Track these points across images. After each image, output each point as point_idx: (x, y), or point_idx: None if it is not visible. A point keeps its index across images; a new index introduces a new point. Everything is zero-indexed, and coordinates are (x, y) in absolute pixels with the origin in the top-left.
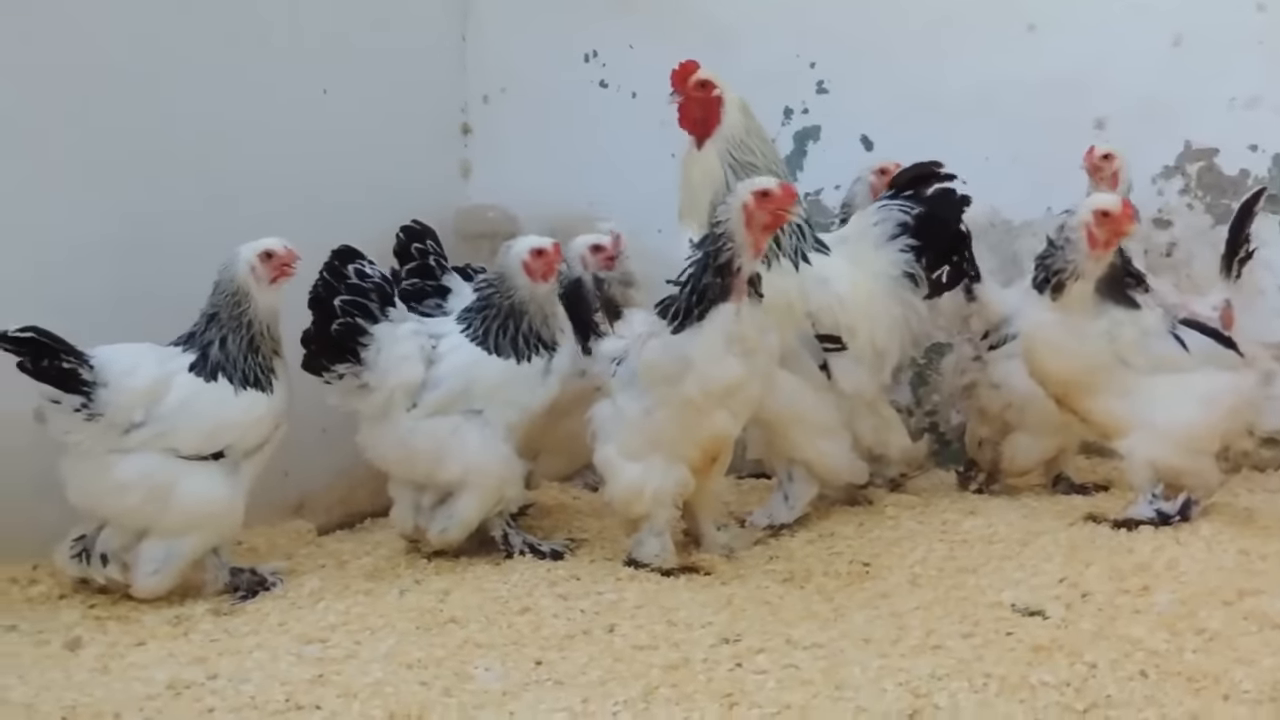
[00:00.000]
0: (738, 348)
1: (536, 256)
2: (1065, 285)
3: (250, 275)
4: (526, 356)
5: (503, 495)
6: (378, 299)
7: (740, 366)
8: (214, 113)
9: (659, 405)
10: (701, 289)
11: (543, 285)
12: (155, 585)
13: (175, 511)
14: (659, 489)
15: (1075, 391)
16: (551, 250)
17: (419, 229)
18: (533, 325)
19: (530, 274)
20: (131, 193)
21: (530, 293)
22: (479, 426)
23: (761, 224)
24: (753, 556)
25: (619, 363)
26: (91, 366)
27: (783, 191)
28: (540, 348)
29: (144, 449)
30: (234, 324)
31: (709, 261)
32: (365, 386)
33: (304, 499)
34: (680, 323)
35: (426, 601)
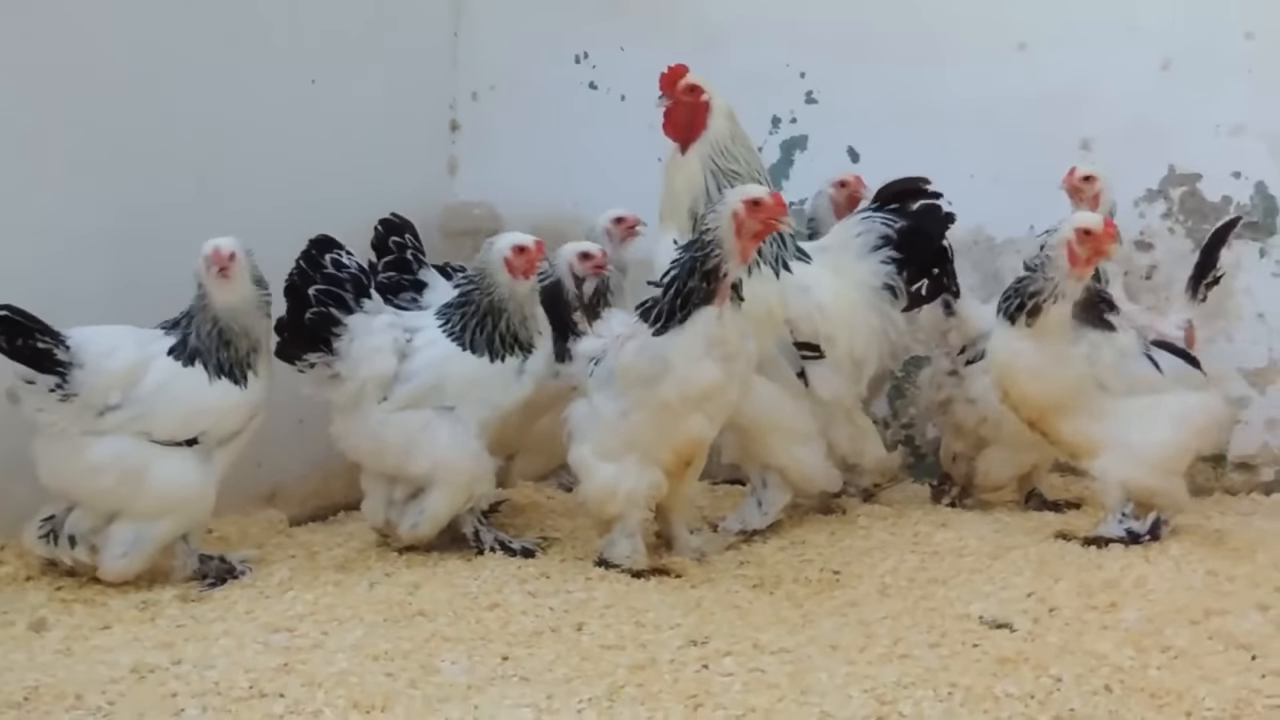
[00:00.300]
0: (717, 351)
1: (518, 254)
2: (1042, 309)
3: (205, 272)
4: (501, 356)
5: (473, 492)
6: (353, 289)
7: (719, 370)
8: (204, 106)
9: (635, 407)
10: (686, 292)
11: (523, 283)
12: (123, 568)
13: (147, 495)
14: (633, 490)
15: (1051, 415)
16: (534, 248)
17: (398, 222)
18: (510, 324)
19: (512, 271)
20: (124, 185)
21: (510, 290)
22: (450, 422)
23: (752, 232)
24: (724, 561)
25: (596, 363)
26: (67, 347)
27: (774, 201)
28: (516, 348)
29: (118, 432)
30: (203, 316)
31: (695, 266)
32: (337, 377)
33: (277, 489)
34: (663, 325)
35: (396, 594)
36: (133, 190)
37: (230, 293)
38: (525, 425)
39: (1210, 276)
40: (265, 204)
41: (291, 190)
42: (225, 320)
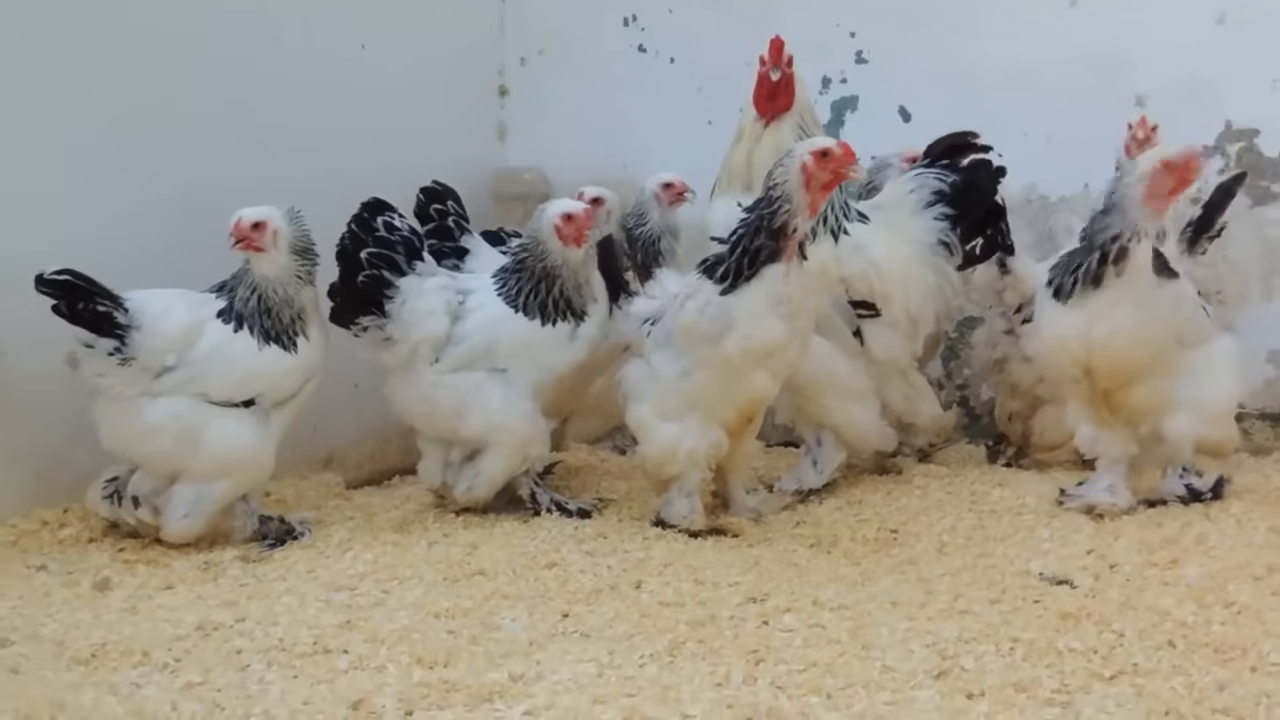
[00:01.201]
0: (783, 309)
1: (567, 221)
2: (1128, 250)
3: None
4: (554, 320)
5: (527, 454)
6: (405, 252)
7: (783, 327)
8: (257, 73)
9: (698, 365)
10: (753, 250)
11: (574, 250)
12: (185, 529)
13: (205, 455)
14: (693, 449)
15: (1133, 380)
16: (582, 215)
17: (439, 190)
18: (564, 290)
19: (562, 238)
20: (178, 150)
21: (563, 258)
22: (502, 385)
23: (821, 184)
24: (780, 521)
25: (653, 323)
26: (126, 310)
27: (842, 150)
28: (569, 314)
29: (175, 393)
30: (245, 284)
31: (762, 224)
32: (390, 339)
33: (333, 453)
34: (731, 283)
35: (454, 554)
36: (186, 155)
37: (266, 264)
38: (580, 388)
39: (1214, 229)
40: (317, 169)
41: (343, 156)
42: (263, 289)
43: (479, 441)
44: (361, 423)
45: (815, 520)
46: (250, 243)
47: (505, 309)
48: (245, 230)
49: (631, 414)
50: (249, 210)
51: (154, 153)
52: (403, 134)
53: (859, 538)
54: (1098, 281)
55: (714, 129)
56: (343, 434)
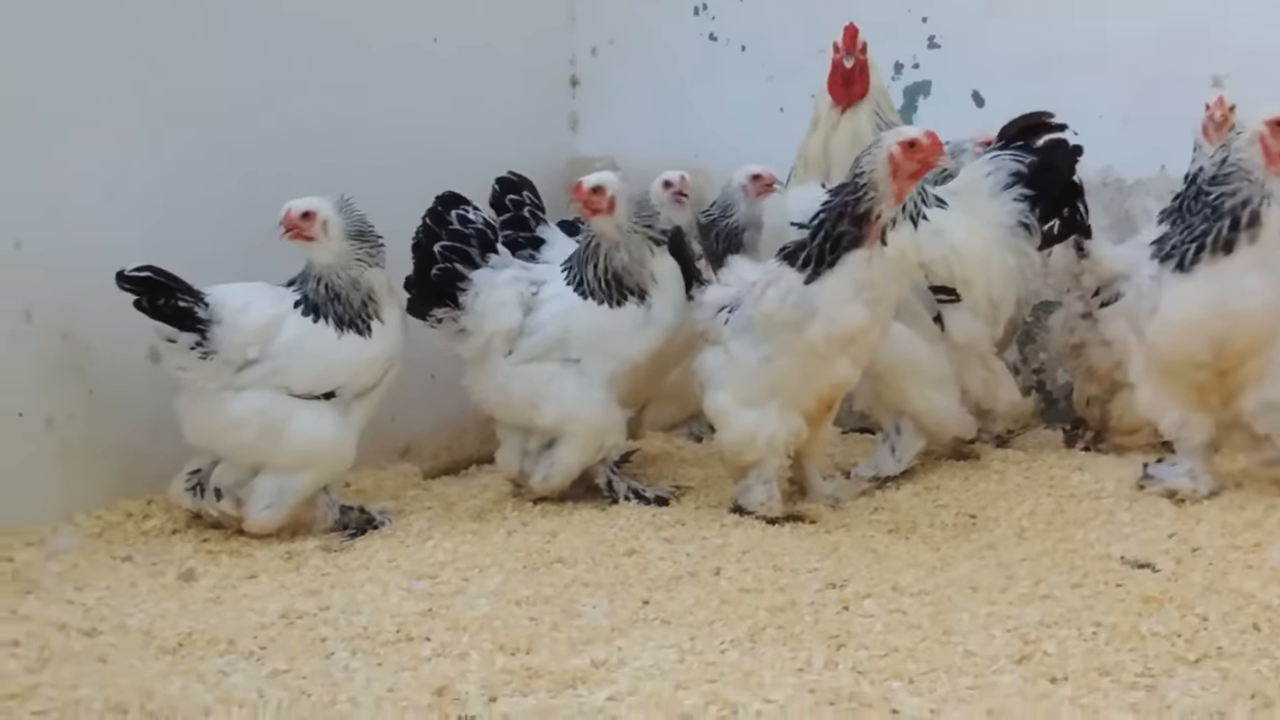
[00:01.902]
0: (866, 294)
1: (594, 194)
2: (1260, 215)
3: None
4: (612, 299)
5: (603, 443)
6: (478, 245)
7: (866, 313)
8: (328, 66)
9: (779, 353)
10: (836, 236)
11: (608, 220)
12: (268, 520)
13: (287, 448)
14: (773, 436)
15: (1255, 353)
16: (608, 185)
17: (515, 180)
18: (609, 265)
19: (588, 209)
20: (250, 145)
21: (600, 229)
22: (576, 375)
23: (908, 173)
24: (858, 507)
25: (731, 310)
26: (206, 305)
27: (930, 141)
28: (621, 291)
29: (257, 386)
30: (312, 273)
31: (846, 210)
32: (464, 331)
33: (410, 444)
34: (814, 270)
35: (533, 542)
36: (263, 151)
37: (322, 252)
38: (656, 376)
39: None
40: (393, 162)
41: (418, 149)
42: (327, 277)
43: (554, 432)
44: (439, 413)
45: (893, 506)
46: (300, 232)
47: (576, 299)
48: (294, 220)
49: (709, 401)
50: (298, 201)
51: (231, 148)
52: (476, 126)
53: (937, 523)
54: (1229, 248)
55: (785, 117)
56: (420, 424)
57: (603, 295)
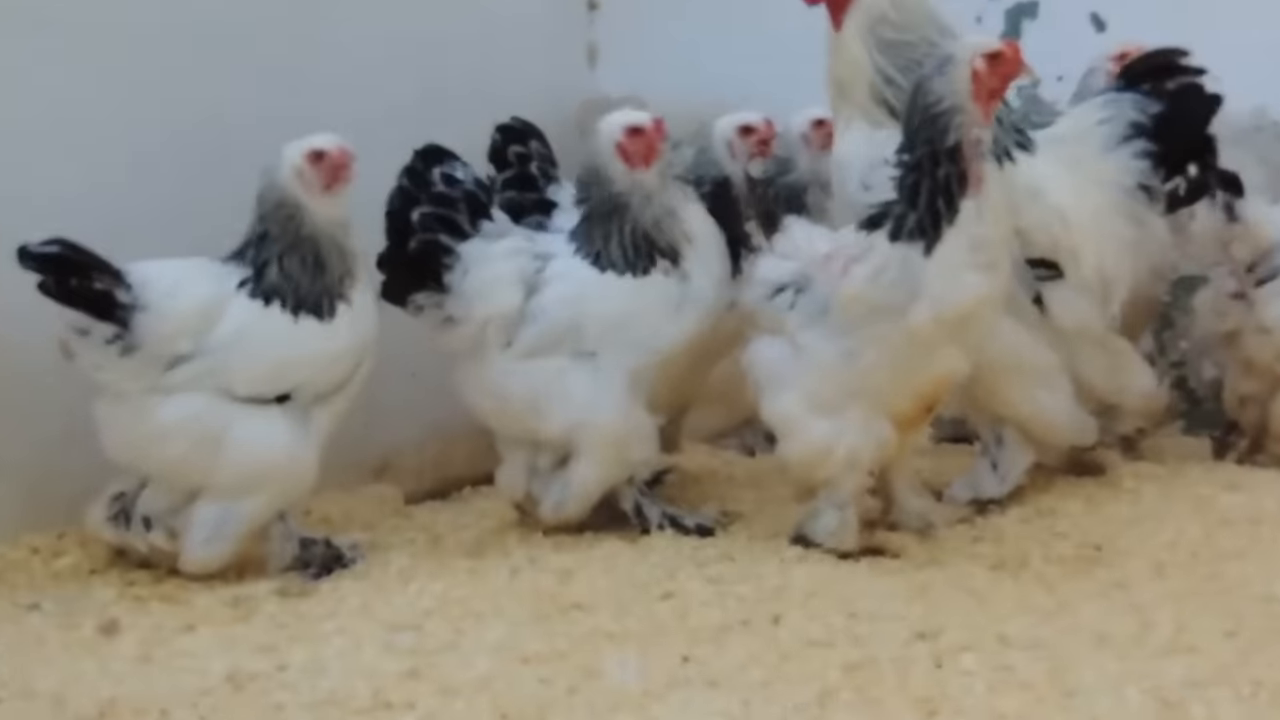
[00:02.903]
0: (981, 257)
1: (633, 136)
2: None
3: (298, 182)
4: (638, 267)
5: (627, 459)
6: (467, 210)
7: (983, 282)
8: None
9: (868, 345)
10: (942, 183)
11: (645, 173)
12: (209, 557)
13: (231, 465)
14: (854, 449)
15: None
16: (652, 128)
17: (519, 128)
18: (638, 226)
19: (628, 159)
20: (190, 85)
21: (632, 183)
22: (590, 372)
23: (990, 90)
24: (953, 537)
25: (798, 291)
26: (128, 287)
27: (1011, 52)
28: (654, 254)
29: (192, 388)
30: (290, 240)
31: (933, 150)
32: (450, 319)
33: (388, 459)
34: (931, 237)
35: (544, 584)
36: (200, 91)
37: (336, 205)
38: (696, 372)
39: None
40: (365, 106)
41: (398, 88)
42: (325, 241)
43: (565, 443)
44: (422, 420)
45: (997, 536)
46: (344, 176)
47: (591, 274)
48: (344, 162)
49: (771, 406)
50: (323, 139)
51: (156, 86)
52: (472, 61)
53: (1053, 557)
54: None
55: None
56: (400, 434)
57: (626, 263)
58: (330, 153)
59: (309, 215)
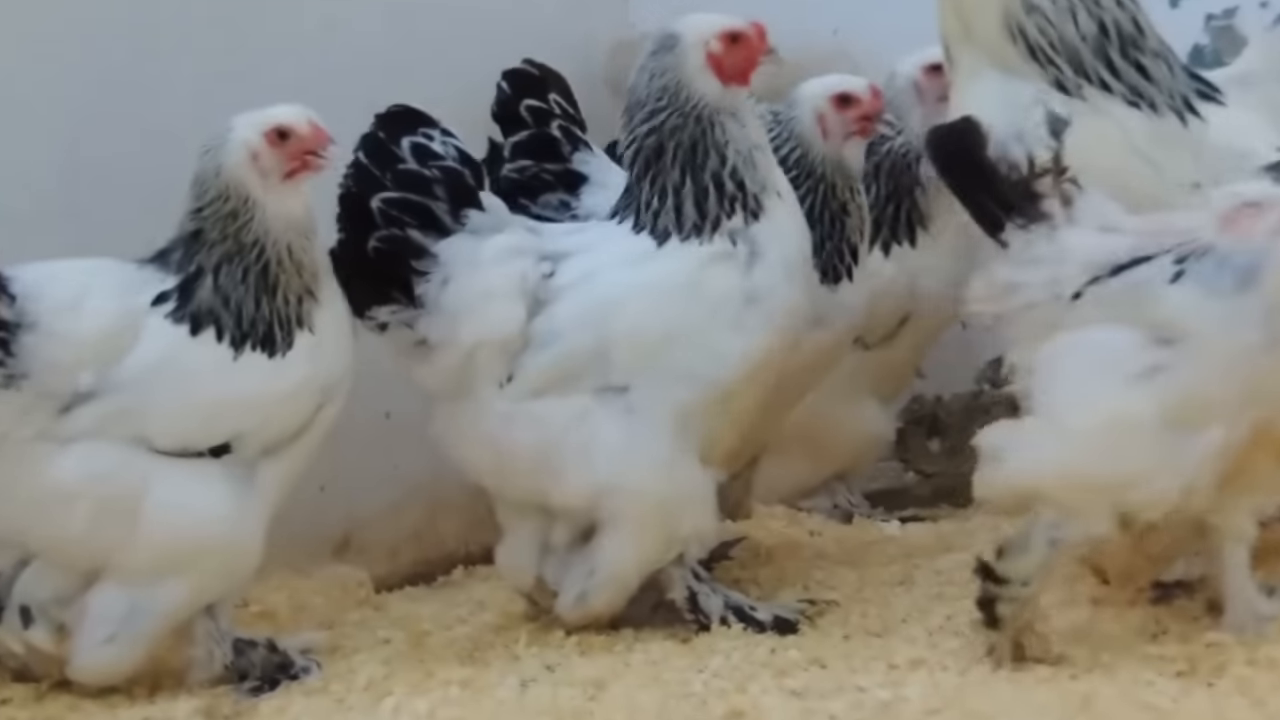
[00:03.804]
0: None
1: (730, 44)
2: None
3: (251, 168)
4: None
5: (673, 532)
6: (449, 195)
7: None
8: None
9: None
10: None
11: (733, 90)
12: (110, 663)
13: (146, 538)
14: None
15: None
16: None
17: (535, 75)
18: (726, 162)
19: (719, 70)
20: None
21: (718, 104)
22: (623, 413)
23: None
24: (1123, 632)
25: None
26: (11, 296)
27: None
28: (734, 206)
29: (96, 435)
30: (231, 247)
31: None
32: (424, 344)
33: (352, 531)
34: None
35: (566, 700)
36: (104, 43)
37: (295, 201)
38: (769, 409)
39: None
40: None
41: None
42: (277, 248)
43: (589, 511)
44: (397, 479)
45: (1183, 632)
46: (319, 161)
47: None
48: (320, 141)
49: (1097, 407)
50: (286, 111)
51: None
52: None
53: (1261, 660)
54: None
55: None
56: (368, 499)
57: (698, 220)
58: (298, 130)
59: (260, 213)
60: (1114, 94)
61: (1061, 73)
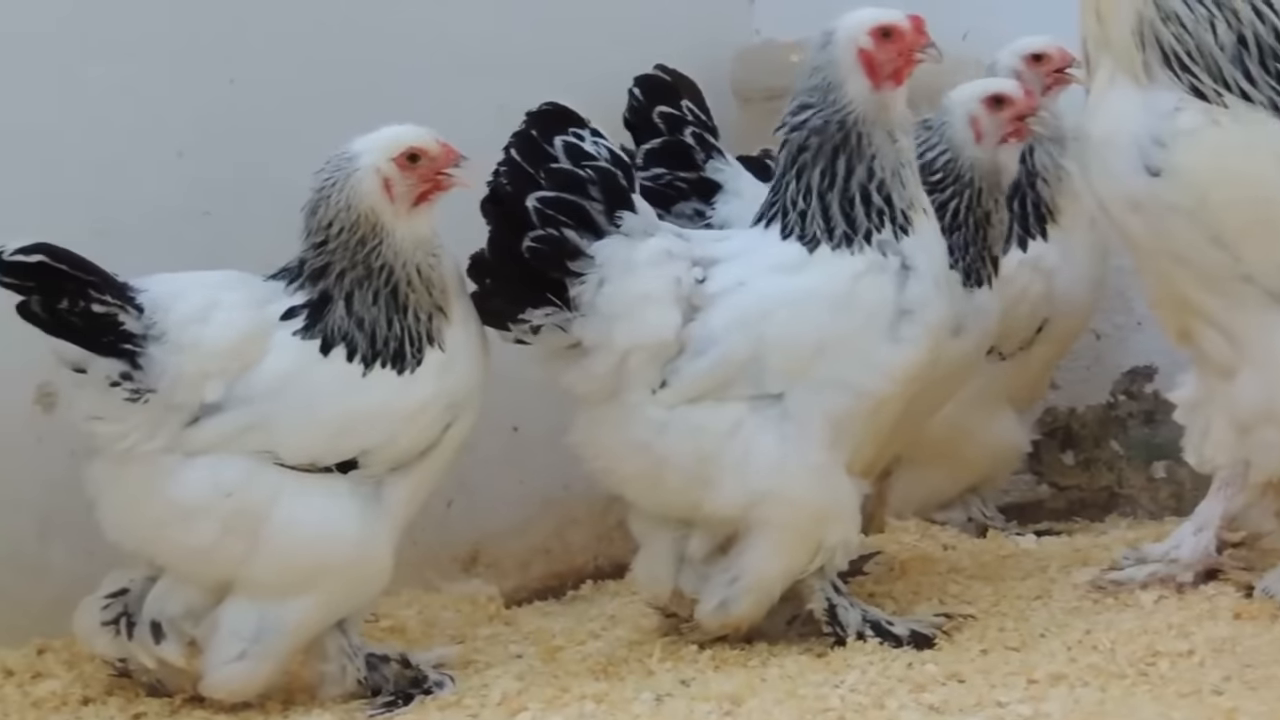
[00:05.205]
0: None
1: (884, 41)
2: None
3: (383, 195)
4: (854, 240)
5: (822, 541)
6: (603, 196)
7: None
8: None
9: None
10: None
11: (885, 93)
12: (242, 678)
13: (274, 554)
14: None
15: None
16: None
17: (667, 82)
18: (875, 171)
19: (872, 71)
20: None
21: (875, 106)
22: (777, 422)
23: None
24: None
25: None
26: (139, 308)
27: None
28: (882, 219)
29: (223, 449)
30: (360, 273)
31: None
32: (578, 347)
33: (481, 546)
34: None
35: (702, 715)
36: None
37: (423, 222)
38: (912, 421)
39: None
40: (445, 61)
41: (492, 36)
42: (406, 270)
43: (739, 521)
44: (525, 493)
45: None
46: (447, 183)
47: (774, 282)
48: (449, 158)
49: None
50: (411, 131)
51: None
52: None
53: None
54: None
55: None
56: (497, 514)
57: (846, 229)
58: (429, 151)
59: (389, 238)
60: (1255, 104)
61: (1199, 81)
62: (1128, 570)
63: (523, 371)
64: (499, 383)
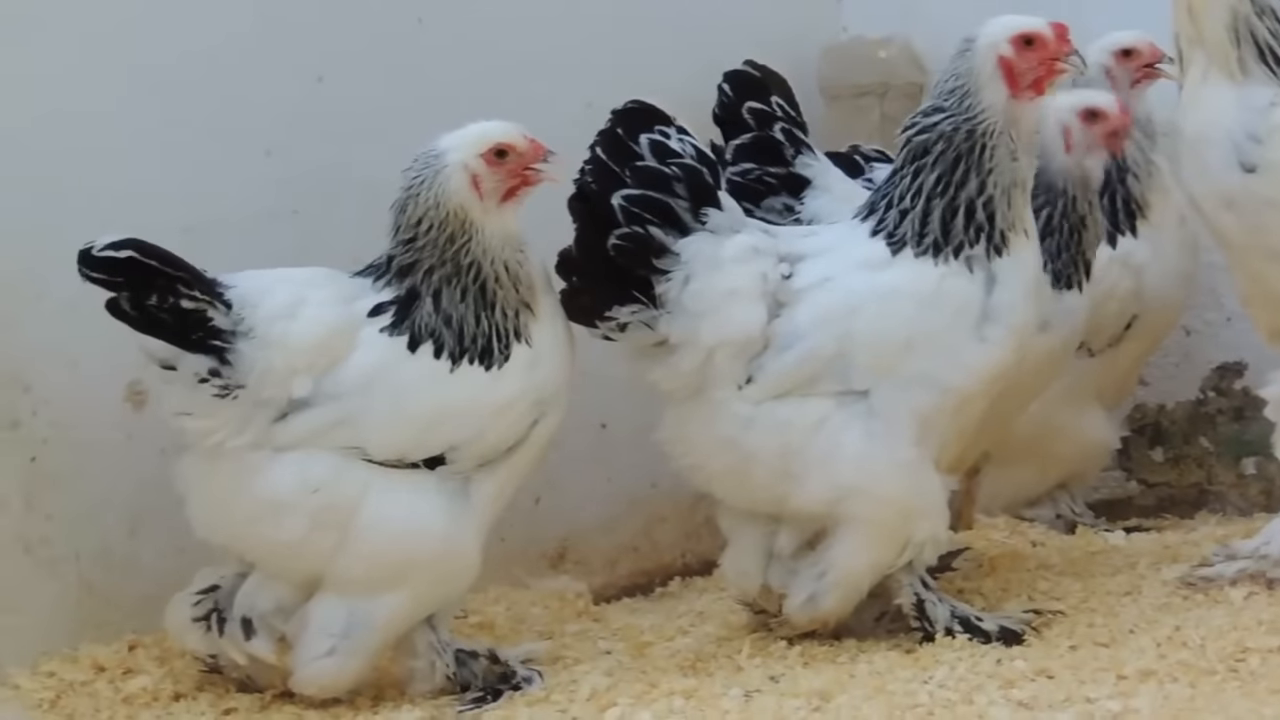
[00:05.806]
0: None
1: (1024, 49)
2: None
3: (472, 192)
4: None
5: (910, 537)
6: (689, 193)
7: None
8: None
9: None
10: None
11: (1023, 103)
12: (332, 674)
13: (363, 550)
14: None
15: None
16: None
17: (756, 77)
18: (986, 185)
19: (1013, 82)
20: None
21: (1005, 120)
22: (863, 418)
23: None
24: None
25: None
26: (227, 304)
27: None
28: (979, 235)
29: (311, 445)
30: (449, 270)
31: None
32: (664, 345)
33: (568, 542)
34: None
35: (792, 711)
36: (318, 58)
37: (510, 216)
38: (995, 419)
39: None
40: (529, 56)
41: (577, 32)
42: (494, 267)
43: (825, 517)
44: (613, 490)
45: None
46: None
47: (861, 280)
48: (537, 152)
49: None
50: (505, 125)
51: (269, 59)
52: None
53: None
54: None
55: None
56: (585, 511)
57: (942, 239)
58: (517, 147)
59: (478, 234)
60: None
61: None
62: (1217, 566)
63: (610, 368)
64: (586, 380)
